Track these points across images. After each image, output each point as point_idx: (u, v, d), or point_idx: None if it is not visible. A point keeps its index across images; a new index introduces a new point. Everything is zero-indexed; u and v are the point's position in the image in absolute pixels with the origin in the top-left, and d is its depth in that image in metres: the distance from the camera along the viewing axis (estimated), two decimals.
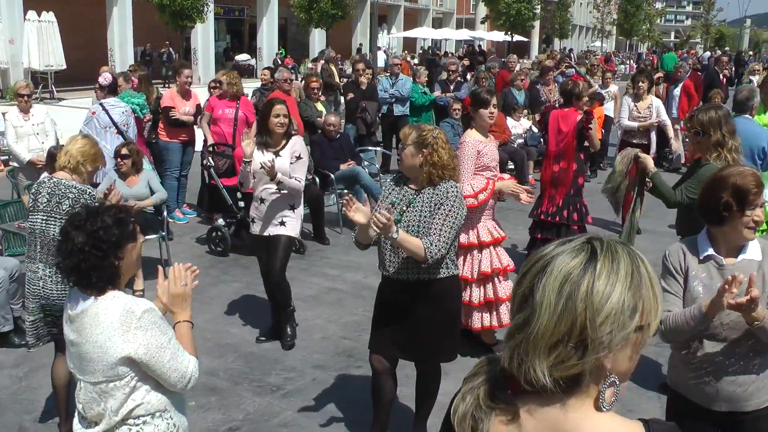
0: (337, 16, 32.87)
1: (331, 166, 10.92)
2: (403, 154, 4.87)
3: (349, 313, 7.88)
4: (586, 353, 1.57)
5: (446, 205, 4.76)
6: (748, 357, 3.57)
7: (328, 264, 9.51)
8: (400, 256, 4.85)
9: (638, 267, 1.63)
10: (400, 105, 14.76)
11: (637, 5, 74.13)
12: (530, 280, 1.65)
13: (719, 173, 3.70)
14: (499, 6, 47.52)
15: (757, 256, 3.60)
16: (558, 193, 8.48)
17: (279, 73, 12.65)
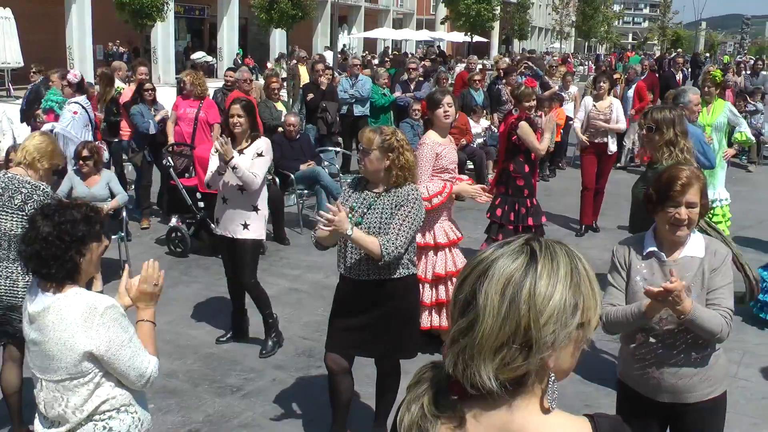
0: (297, 17, 32.75)
1: (291, 166, 10.93)
2: (367, 159, 4.86)
3: (309, 314, 7.90)
4: (530, 354, 1.59)
5: (406, 206, 4.83)
6: (688, 350, 3.68)
7: (288, 264, 9.53)
8: (359, 255, 4.90)
9: (576, 265, 1.66)
10: (360, 105, 14.79)
11: (594, 8, 74.91)
12: (471, 285, 1.65)
13: (664, 169, 3.81)
14: (459, 7, 47.74)
15: (699, 253, 3.69)
16: (506, 194, 8.57)
17: (239, 73, 12.64)
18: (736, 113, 10.27)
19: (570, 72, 18.61)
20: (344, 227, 4.50)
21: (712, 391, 3.75)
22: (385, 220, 4.83)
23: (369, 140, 4.86)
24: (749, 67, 23.79)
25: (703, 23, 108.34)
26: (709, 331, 3.52)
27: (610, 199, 11.82)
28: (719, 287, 3.64)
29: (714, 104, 9.75)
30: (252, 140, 6.77)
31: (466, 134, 13.75)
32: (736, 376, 6.62)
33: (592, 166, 11.20)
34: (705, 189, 3.71)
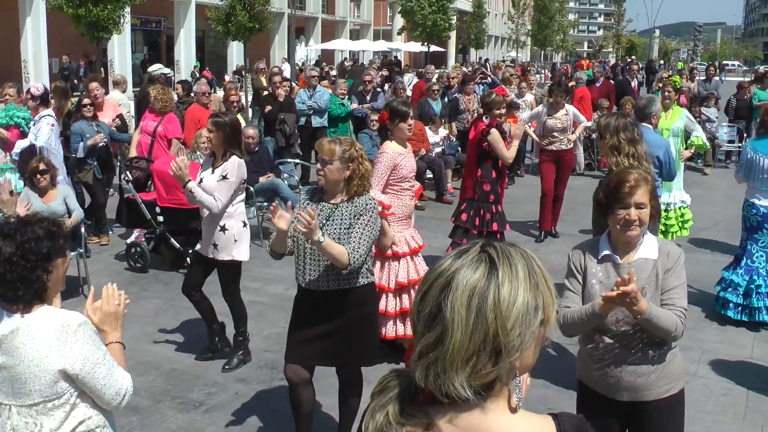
0: (254, 29, 32.62)
1: (250, 179, 10.84)
2: (328, 170, 4.87)
3: (270, 326, 7.88)
4: (500, 359, 1.64)
5: (366, 215, 4.88)
6: (644, 349, 3.77)
7: (249, 277, 9.45)
8: (319, 265, 4.91)
9: (532, 266, 1.70)
10: (318, 117, 14.79)
11: (550, 16, 75.70)
12: (435, 298, 1.68)
13: (613, 173, 3.92)
14: (415, 17, 47.90)
15: (653, 255, 3.78)
16: (463, 199, 8.66)
17: (197, 87, 12.60)
18: (692, 119, 10.46)
19: (527, 81, 18.70)
20: (317, 233, 4.51)
21: (670, 388, 3.83)
22: (344, 230, 4.85)
23: (330, 151, 4.86)
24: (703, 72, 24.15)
25: (656, 31, 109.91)
26: (664, 330, 3.61)
27: (569, 205, 11.96)
28: (673, 287, 3.73)
29: (672, 109, 9.92)
30: (228, 158, 6.62)
31: (423, 143, 13.81)
32: (696, 374, 6.76)
33: (550, 173, 11.31)
34: (654, 191, 3.81)
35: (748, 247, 8.02)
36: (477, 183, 8.59)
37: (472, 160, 8.77)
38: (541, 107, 11.95)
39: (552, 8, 77.04)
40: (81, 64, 35.24)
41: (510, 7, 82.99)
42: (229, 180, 6.56)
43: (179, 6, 41.73)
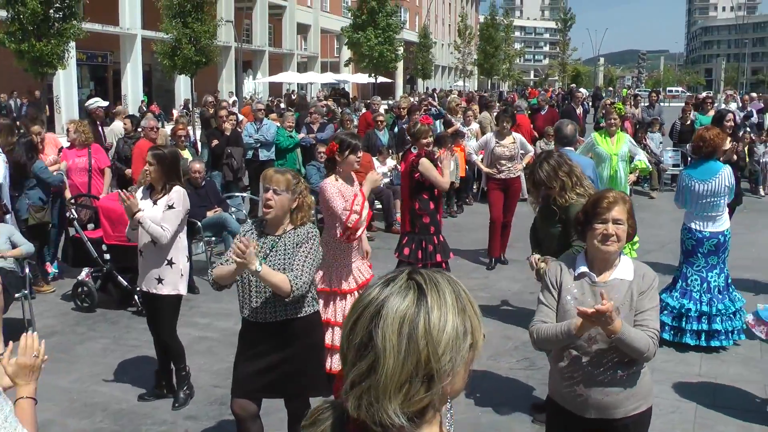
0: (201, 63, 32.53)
1: (197, 213, 10.80)
2: (279, 199, 4.87)
3: (220, 361, 7.79)
4: (432, 384, 1.64)
5: (307, 244, 4.91)
6: (614, 368, 3.83)
7: (198, 312, 9.39)
8: (264, 297, 4.90)
9: (459, 291, 1.72)
10: (265, 150, 14.78)
11: (495, 46, 76.74)
12: (365, 327, 1.68)
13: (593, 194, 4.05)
14: (362, 49, 48.26)
15: (628, 276, 3.86)
16: (404, 233, 8.65)
17: (145, 121, 12.50)
18: (634, 143, 10.63)
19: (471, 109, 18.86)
20: (253, 263, 4.50)
21: (637, 406, 3.92)
22: (288, 259, 4.86)
23: (281, 181, 4.87)
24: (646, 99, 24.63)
25: (601, 59, 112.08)
26: (636, 350, 3.67)
27: (518, 232, 11.99)
28: (646, 309, 3.81)
29: (617, 135, 10.09)
30: (169, 189, 6.57)
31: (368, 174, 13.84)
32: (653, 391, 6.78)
33: (498, 201, 11.42)
34: (632, 211, 3.89)
35: (684, 270, 8.20)
36: (416, 216, 8.57)
37: (406, 193, 8.73)
38: (489, 135, 12.05)
39: (498, 38, 78.24)
40: (23, 101, 34.69)
41: (456, 37, 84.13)
42: (176, 209, 6.50)
43: (125, 40, 41.56)
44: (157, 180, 6.57)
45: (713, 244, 7.96)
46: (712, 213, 7.92)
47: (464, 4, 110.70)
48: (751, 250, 12.45)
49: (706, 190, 7.86)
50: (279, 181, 4.88)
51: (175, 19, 31.15)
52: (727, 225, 8.11)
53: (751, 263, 11.42)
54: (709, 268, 8.03)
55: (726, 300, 8.05)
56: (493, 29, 77.78)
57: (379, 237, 13.45)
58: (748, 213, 15.57)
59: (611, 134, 10.14)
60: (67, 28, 22.40)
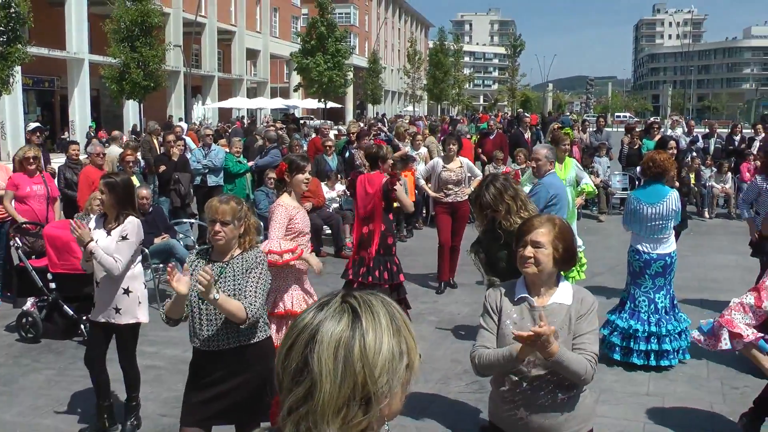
0: (149, 88, 32.37)
1: (144, 241, 10.64)
2: (228, 230, 4.86)
3: (168, 390, 7.68)
4: (370, 407, 1.64)
5: (257, 269, 4.90)
6: (554, 392, 3.84)
7: (146, 341, 9.20)
8: (216, 325, 4.86)
9: (393, 312, 1.72)
10: (213, 175, 14.69)
11: (445, 71, 77.30)
12: (301, 352, 1.67)
13: None
14: (311, 74, 48.36)
15: (567, 300, 3.88)
16: (368, 254, 8.68)
17: (91, 147, 12.37)
18: (580, 167, 10.75)
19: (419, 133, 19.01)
20: (212, 291, 4.47)
21: (578, 429, 3.92)
22: (238, 286, 4.83)
23: (226, 211, 4.85)
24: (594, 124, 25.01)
25: (550, 85, 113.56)
26: (574, 374, 3.67)
27: (467, 256, 12.02)
28: (585, 333, 3.81)
29: (565, 161, 10.19)
30: (123, 219, 6.45)
31: (317, 198, 13.86)
32: (594, 413, 6.82)
33: (447, 224, 11.44)
34: (565, 236, 3.88)
35: (632, 292, 8.33)
36: (382, 237, 8.67)
37: (380, 215, 8.78)
38: (436, 160, 12.09)
39: (447, 63, 78.80)
40: None
41: (406, 63, 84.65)
42: (129, 240, 6.40)
43: (72, 64, 41.05)
44: (109, 209, 6.48)
45: (660, 265, 8.09)
46: (659, 235, 8.07)
47: (414, 30, 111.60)
48: (697, 271, 12.65)
49: (653, 213, 8.00)
50: (225, 211, 4.86)
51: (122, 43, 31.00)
52: (674, 247, 8.27)
53: (697, 284, 11.61)
54: (657, 289, 8.16)
55: (673, 320, 8.19)
56: (442, 54, 78.42)
57: (328, 262, 13.38)
58: (693, 236, 15.83)
59: (560, 160, 10.23)
60: (12, 51, 22.16)
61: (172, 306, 4.85)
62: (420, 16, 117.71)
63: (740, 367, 7.99)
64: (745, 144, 21.01)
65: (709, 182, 19.38)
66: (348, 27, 69.27)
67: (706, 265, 13.25)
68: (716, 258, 13.93)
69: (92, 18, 41.10)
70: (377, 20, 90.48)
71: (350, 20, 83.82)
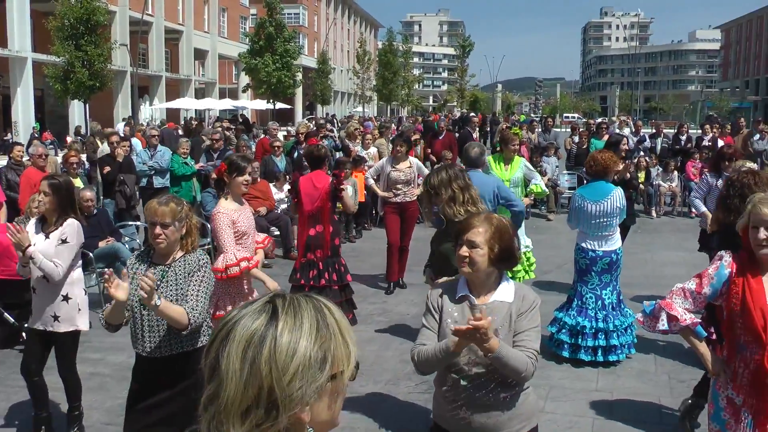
0: (95, 88, 31.87)
1: (89, 244, 10.42)
2: (170, 232, 4.76)
3: (112, 398, 7.51)
4: (278, 414, 1.55)
5: (200, 272, 4.81)
6: (496, 390, 3.81)
7: (90, 348, 9.03)
8: (158, 331, 4.77)
9: (325, 317, 1.64)
10: (159, 177, 14.47)
11: (394, 71, 77.43)
12: (216, 350, 1.61)
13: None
14: (259, 75, 48.06)
15: (509, 298, 3.85)
16: (317, 257, 8.62)
17: (33, 149, 12.11)
18: (531, 167, 10.75)
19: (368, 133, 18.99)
20: (153, 298, 4.37)
21: (521, 428, 3.89)
22: (180, 289, 4.75)
23: (166, 213, 4.76)
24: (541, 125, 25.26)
25: (499, 85, 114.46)
26: (514, 370, 3.63)
27: (416, 256, 12.00)
28: (526, 330, 3.79)
29: (513, 161, 10.20)
30: (62, 222, 6.27)
31: (267, 201, 13.73)
32: (544, 410, 6.91)
33: (395, 225, 11.38)
34: (503, 235, 3.83)
35: (579, 289, 8.39)
36: (331, 239, 8.65)
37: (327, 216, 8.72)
38: (384, 160, 12.03)
39: (396, 63, 78.93)
40: None
41: (355, 63, 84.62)
42: (69, 244, 6.22)
43: (15, 63, 40.07)
44: (51, 212, 6.29)
45: (606, 262, 8.16)
46: (604, 233, 8.14)
47: (363, 31, 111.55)
48: (645, 268, 12.83)
49: (598, 210, 8.07)
50: (164, 213, 4.75)
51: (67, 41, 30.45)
52: (619, 244, 8.35)
53: (645, 281, 11.77)
54: (603, 285, 8.22)
55: (620, 316, 8.28)
56: (391, 55, 78.59)
57: (277, 264, 13.27)
58: (641, 233, 16.06)
59: (507, 160, 10.22)
60: None
61: (111, 312, 4.72)
62: (369, 16, 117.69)
63: (687, 360, 8.11)
64: (691, 144, 21.37)
65: (656, 181, 19.70)
66: (297, 27, 68.94)
67: (654, 262, 13.43)
68: (664, 255, 14.13)
69: (35, 15, 40.27)
70: (326, 21, 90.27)
71: (299, 21, 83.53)
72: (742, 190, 6.29)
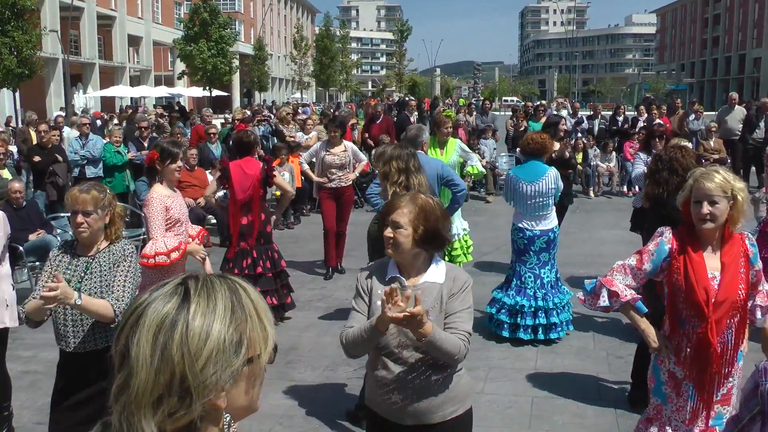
0: (24, 75, 31.08)
1: (19, 237, 10.15)
2: (92, 220, 4.61)
3: (45, 395, 7.23)
4: (192, 401, 1.48)
5: (125, 262, 4.67)
6: (428, 373, 3.74)
7: (22, 345, 8.78)
8: (83, 326, 4.64)
9: (240, 299, 1.56)
10: (92, 166, 14.16)
11: (331, 57, 77.09)
12: (125, 336, 1.52)
13: None
14: (195, 62, 47.46)
15: (440, 279, 3.78)
16: (250, 245, 8.52)
17: None
18: (466, 149, 10.73)
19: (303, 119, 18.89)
20: (70, 296, 4.22)
21: (455, 410, 3.82)
22: (105, 280, 4.61)
23: (87, 201, 4.61)
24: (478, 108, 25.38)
25: (437, 70, 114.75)
26: (447, 353, 3.58)
27: (355, 241, 11.93)
28: (457, 311, 3.73)
29: (449, 143, 10.16)
30: None
31: (204, 188, 13.52)
32: (483, 391, 6.94)
33: (331, 210, 11.26)
34: (428, 216, 3.73)
35: (517, 269, 8.40)
36: (263, 226, 8.54)
37: (257, 201, 8.60)
38: (319, 144, 11.86)
39: (333, 49, 78.64)
40: None
41: (292, 49, 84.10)
42: None
43: None
44: None
45: (544, 241, 8.21)
46: (540, 212, 8.21)
47: (300, 16, 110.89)
48: (584, 247, 12.95)
49: (533, 191, 8.12)
50: (86, 201, 4.59)
51: None
52: (555, 222, 8.43)
53: (583, 260, 11.87)
54: (541, 264, 8.27)
55: (558, 293, 8.33)
56: (328, 40, 78.27)
57: (214, 252, 13.07)
58: (580, 213, 16.21)
59: (442, 144, 10.19)
60: None
61: (36, 308, 4.55)
62: (306, 2, 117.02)
63: (625, 336, 8.21)
64: (628, 125, 21.64)
65: (593, 161, 19.93)
66: (232, 14, 68.39)
67: (593, 241, 13.56)
68: (602, 233, 14.28)
69: None
70: (263, 6, 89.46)
71: (235, 7, 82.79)
72: (670, 163, 6.36)
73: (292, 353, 8.06)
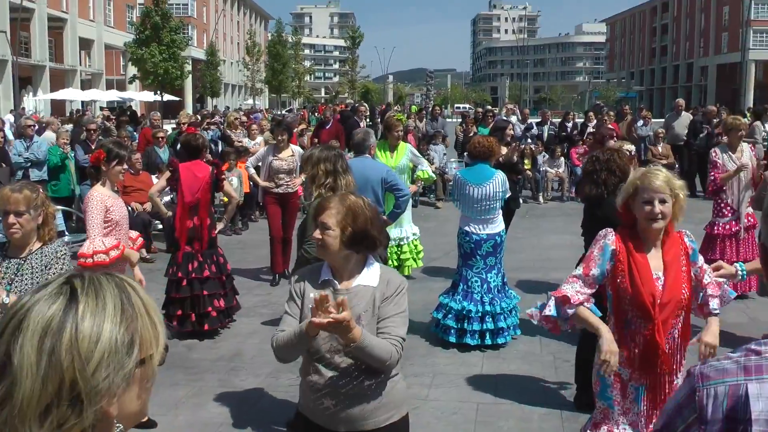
0: None
1: None
2: (24, 220, 4.49)
3: None
4: (84, 408, 1.37)
5: (57, 264, 4.58)
6: (361, 378, 3.66)
7: None
8: None
9: (129, 297, 1.47)
10: (36, 169, 13.86)
11: (283, 63, 76.84)
12: (6, 342, 1.38)
13: None
14: (146, 66, 46.91)
15: (373, 283, 3.71)
16: (195, 249, 8.39)
17: None
18: (417, 153, 10.72)
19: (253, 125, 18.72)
20: (0, 297, 4.14)
21: (389, 417, 3.75)
22: (37, 283, 4.46)
23: (19, 201, 4.49)
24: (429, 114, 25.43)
25: (390, 77, 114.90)
26: (377, 359, 3.51)
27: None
28: (390, 315, 3.65)
29: (399, 147, 10.12)
30: None
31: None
32: (428, 398, 6.89)
33: (276, 216, 11.10)
34: (356, 216, 3.67)
35: (464, 274, 8.35)
36: (209, 230, 8.47)
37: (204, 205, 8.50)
38: (266, 149, 11.71)
39: (285, 55, 78.41)
40: None
41: (245, 55, 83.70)
42: None
43: None
44: None
45: (491, 245, 8.18)
46: (487, 216, 8.18)
47: (253, 22, 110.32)
48: (532, 252, 13.00)
49: (480, 194, 8.08)
50: (18, 200, 4.47)
51: None
52: (502, 227, 8.41)
53: (532, 264, 11.91)
54: (488, 269, 8.23)
55: (505, 298, 8.30)
56: (280, 46, 77.95)
57: (160, 258, 12.86)
58: (529, 218, 16.31)
59: (392, 147, 10.14)
60: None
61: None
62: (259, 8, 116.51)
63: (572, 341, 8.15)
64: (576, 131, 21.85)
65: (543, 167, 20.07)
66: (185, 18, 67.74)
67: (541, 246, 13.60)
68: (551, 238, 14.32)
69: None
70: (216, 12, 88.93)
71: (188, 11, 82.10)
72: (608, 164, 6.38)
73: (236, 360, 7.94)
